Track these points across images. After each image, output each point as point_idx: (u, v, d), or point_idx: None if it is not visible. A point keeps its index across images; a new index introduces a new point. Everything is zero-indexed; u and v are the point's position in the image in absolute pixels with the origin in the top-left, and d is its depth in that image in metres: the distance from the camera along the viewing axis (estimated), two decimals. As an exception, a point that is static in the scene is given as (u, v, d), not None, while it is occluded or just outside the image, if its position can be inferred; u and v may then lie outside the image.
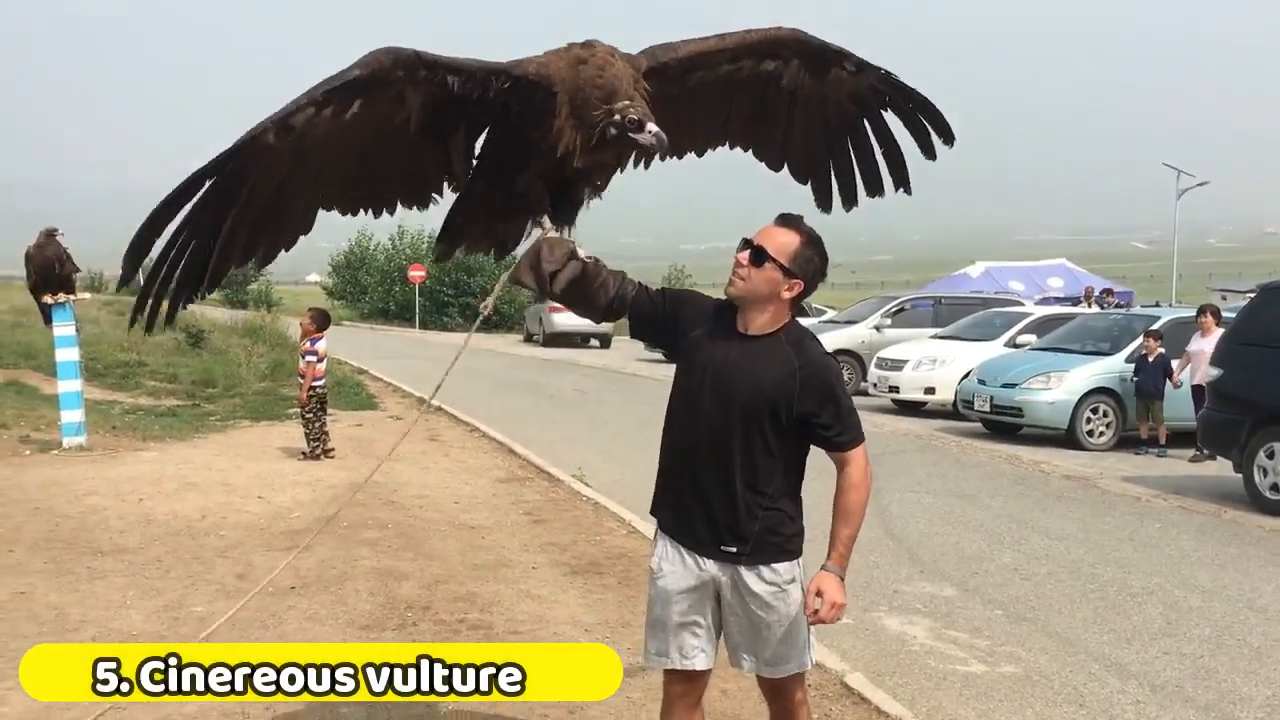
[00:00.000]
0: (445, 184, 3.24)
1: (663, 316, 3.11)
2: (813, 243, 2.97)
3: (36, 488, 7.70)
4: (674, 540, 3.03)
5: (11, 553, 6.13)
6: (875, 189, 3.66)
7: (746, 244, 2.97)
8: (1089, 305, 19.53)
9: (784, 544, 2.97)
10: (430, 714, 4.06)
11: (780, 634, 2.96)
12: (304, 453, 9.49)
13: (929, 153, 3.58)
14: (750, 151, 3.71)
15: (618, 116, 2.83)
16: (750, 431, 2.90)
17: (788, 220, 3.02)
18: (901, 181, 3.70)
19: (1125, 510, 8.88)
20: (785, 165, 3.69)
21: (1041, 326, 15.03)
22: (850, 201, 3.68)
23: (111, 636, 4.84)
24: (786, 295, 2.95)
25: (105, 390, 13.74)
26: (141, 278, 2.90)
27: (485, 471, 9.49)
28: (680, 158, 3.63)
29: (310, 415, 9.52)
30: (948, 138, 3.58)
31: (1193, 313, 14.02)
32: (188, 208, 2.71)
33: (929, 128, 3.57)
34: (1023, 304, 19.31)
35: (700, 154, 3.69)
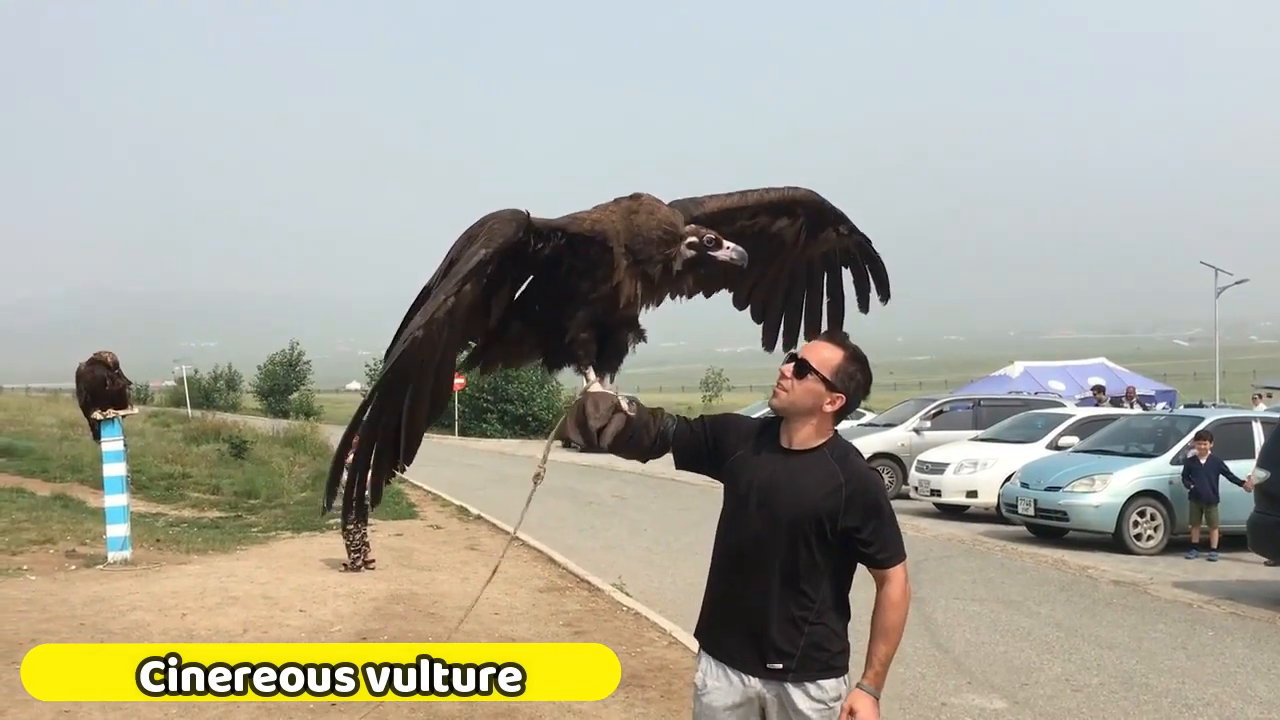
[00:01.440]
0: (480, 344, 3.30)
1: (705, 444, 3.14)
2: (856, 359, 3.02)
3: (82, 604, 7.76)
4: (718, 658, 3.03)
5: (57, 669, 6.16)
6: (813, 330, 3.74)
7: (792, 357, 3.04)
8: (1130, 405, 19.34)
9: (830, 660, 2.95)
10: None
11: None
12: (345, 564, 9.51)
13: (864, 307, 3.71)
14: (726, 289, 3.80)
15: (695, 239, 2.95)
16: (796, 546, 2.91)
17: (833, 336, 3.09)
18: (837, 327, 3.76)
19: (1177, 617, 8.68)
20: (748, 305, 3.79)
21: (1084, 428, 14.88)
22: (791, 343, 3.76)
23: (154, 755, 4.84)
24: (829, 409, 2.99)
25: (150, 503, 13.89)
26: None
27: (525, 581, 9.46)
28: (689, 298, 3.73)
29: (351, 526, 9.57)
30: (885, 296, 3.73)
31: (1240, 413, 13.90)
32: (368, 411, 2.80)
33: (874, 286, 3.72)
34: (1064, 404, 19.16)
35: (707, 296, 3.79)
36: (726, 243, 2.99)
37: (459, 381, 37.02)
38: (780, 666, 2.92)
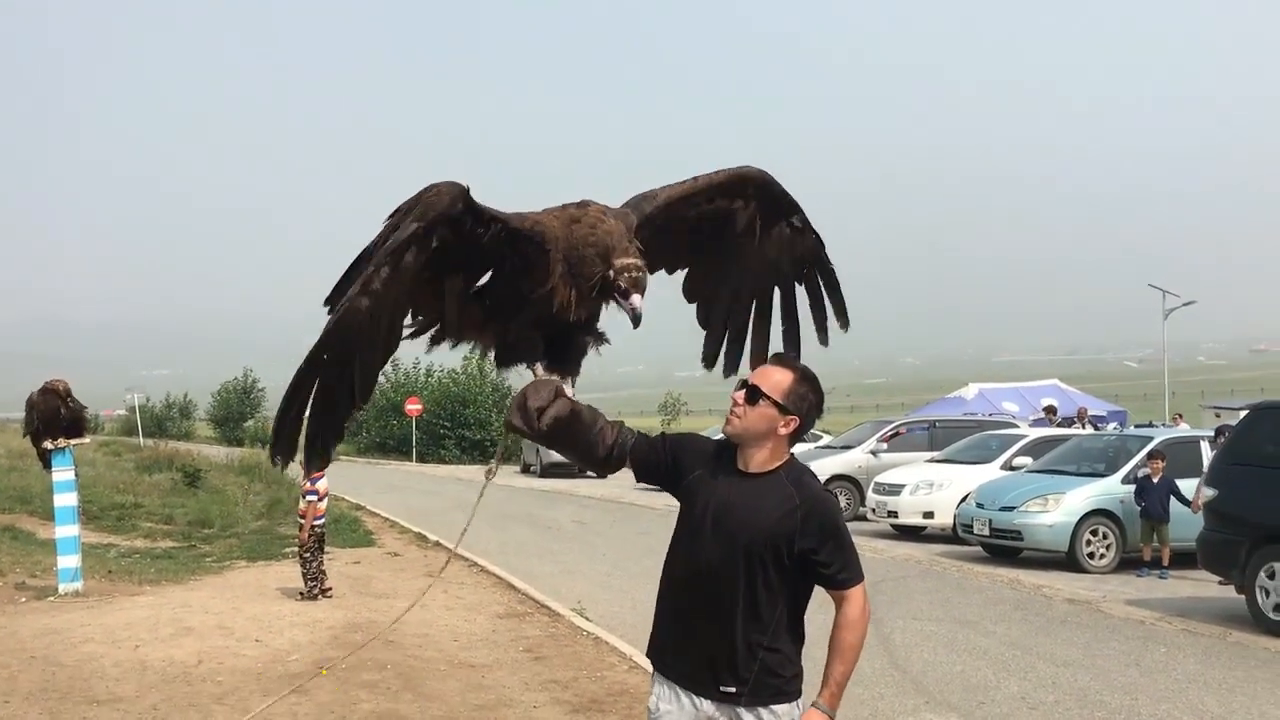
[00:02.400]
0: (432, 324, 3.32)
1: (664, 461, 3.14)
2: (807, 380, 3.05)
3: (32, 636, 7.63)
4: (671, 681, 3.04)
5: (7, 704, 6.05)
6: (760, 360, 3.59)
7: (743, 384, 3.06)
8: (1082, 426, 19.61)
9: (783, 686, 2.95)
10: None
11: None
12: (301, 593, 9.42)
13: (824, 338, 3.64)
14: (685, 278, 3.74)
15: (612, 274, 2.95)
16: (752, 569, 2.91)
17: (782, 359, 3.11)
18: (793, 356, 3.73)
19: (1130, 634, 8.81)
20: (696, 302, 3.77)
21: (1037, 448, 15.08)
22: (731, 369, 3.68)
23: (107, 789, 4.76)
24: (783, 431, 3.01)
25: (101, 533, 13.68)
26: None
27: (484, 607, 9.41)
28: (671, 273, 3.73)
29: (308, 555, 9.49)
30: (844, 323, 3.65)
31: (1190, 432, 14.16)
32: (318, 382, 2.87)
33: (830, 311, 3.65)
34: (1017, 425, 19.40)
35: (670, 272, 3.76)
36: (635, 298, 2.95)
37: (415, 408, 36.88)
38: (734, 690, 2.92)
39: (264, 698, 6.25)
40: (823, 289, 3.66)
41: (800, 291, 3.68)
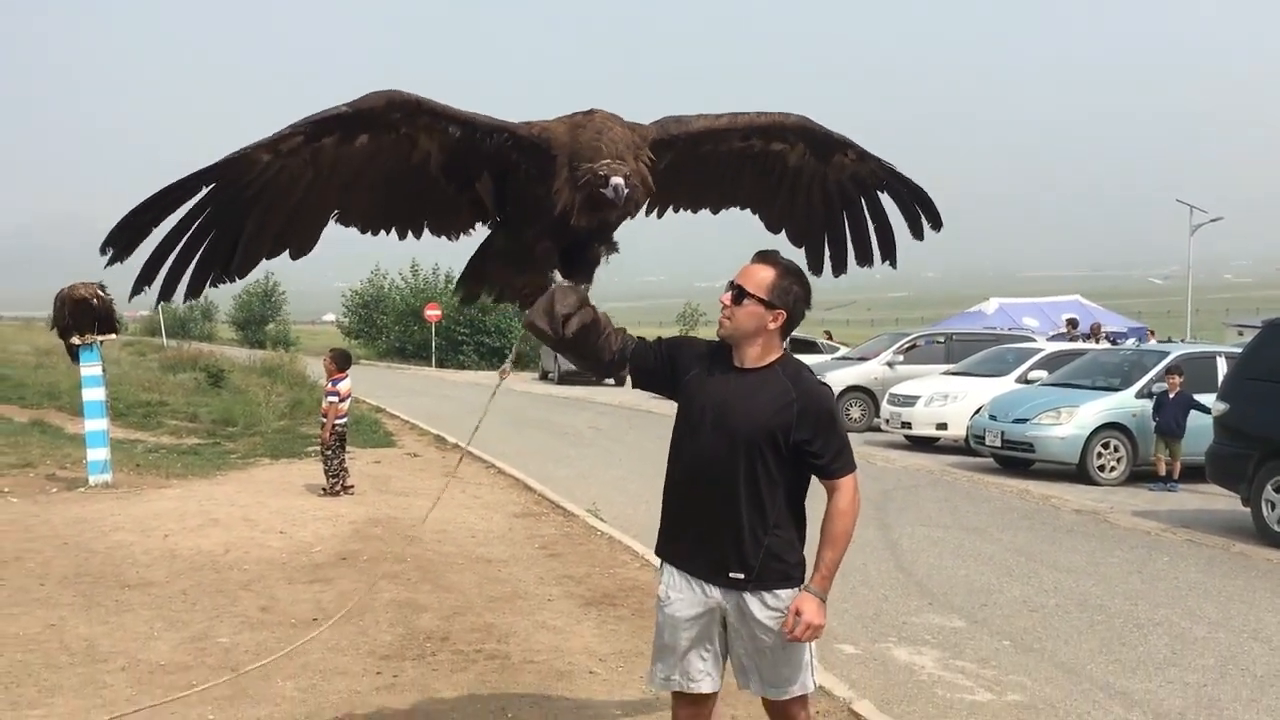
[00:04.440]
0: (478, 221, 3.48)
1: (662, 364, 3.28)
2: (790, 273, 3.13)
3: (64, 524, 7.88)
4: (680, 569, 3.18)
5: (42, 586, 6.30)
6: (865, 260, 3.97)
7: (730, 285, 3.15)
8: (1098, 341, 19.59)
9: (788, 571, 3.10)
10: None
11: (783, 658, 3.09)
12: (324, 489, 9.65)
13: (918, 234, 3.92)
14: (756, 214, 3.98)
15: (588, 176, 3.05)
16: (752, 461, 3.04)
17: (764, 256, 3.18)
18: (889, 256, 4.05)
19: (1135, 544, 8.96)
20: (784, 230, 3.95)
21: (1053, 362, 15.12)
22: (840, 269, 3.99)
23: (140, 667, 4.99)
24: (772, 326, 3.10)
25: (128, 429, 13.95)
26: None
27: (501, 507, 9.64)
28: (694, 212, 3.91)
29: (330, 453, 9.70)
30: (936, 224, 3.93)
31: (1207, 348, 14.15)
32: (190, 204, 2.91)
33: (921, 213, 3.89)
34: (1034, 339, 19.40)
35: (715, 211, 3.98)
36: (614, 179, 3.04)
37: (435, 314, 37.11)
38: (741, 576, 3.07)
39: (289, 585, 6.49)
40: (909, 197, 3.89)
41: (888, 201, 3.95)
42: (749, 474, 3.04)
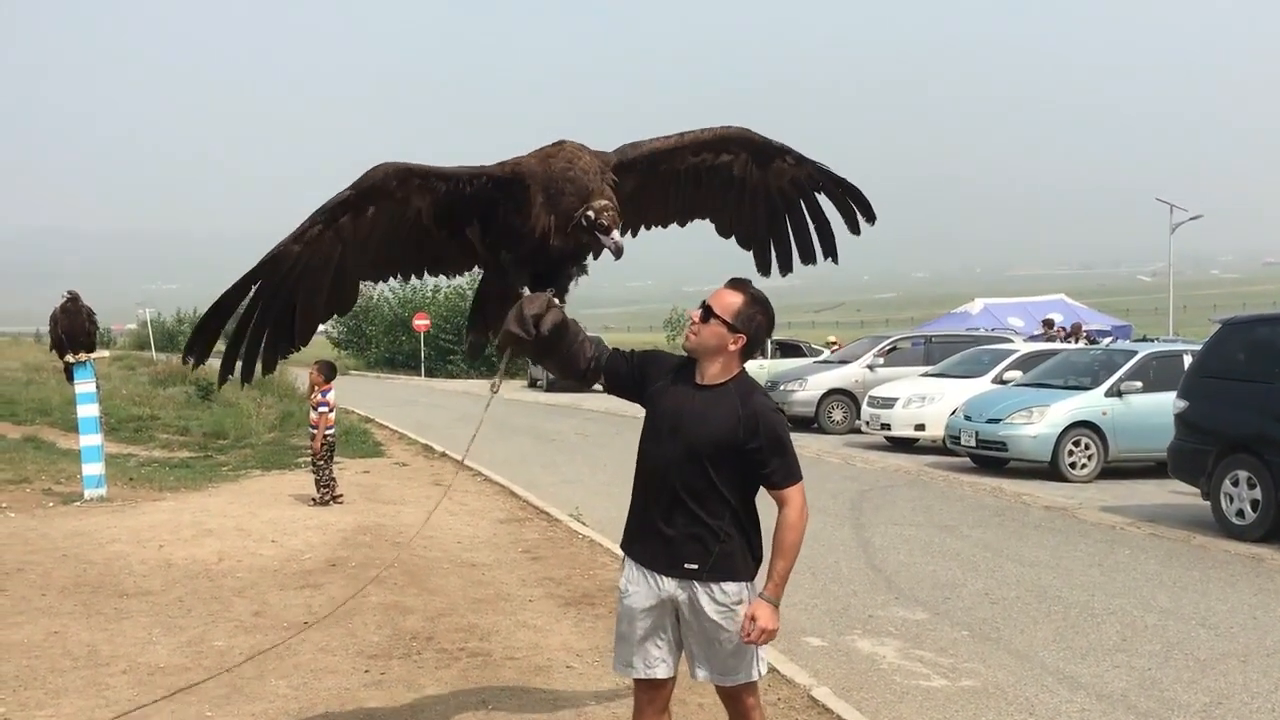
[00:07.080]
0: (473, 264, 3.96)
1: (632, 372, 3.61)
2: (757, 302, 3.44)
3: (63, 537, 8.15)
4: (638, 563, 3.48)
5: (44, 596, 6.58)
6: (808, 258, 4.30)
7: (701, 305, 3.46)
8: (1078, 341, 19.95)
9: (737, 565, 3.41)
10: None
11: (730, 648, 3.39)
12: (314, 499, 9.93)
13: (854, 229, 4.27)
14: (711, 222, 4.35)
15: (592, 214, 3.43)
16: (705, 467, 3.35)
17: (736, 283, 3.50)
18: (830, 252, 4.44)
19: (1099, 538, 9.28)
20: (733, 236, 4.30)
21: (1027, 363, 15.46)
22: (786, 268, 4.33)
23: (140, 670, 5.28)
24: (733, 348, 3.42)
25: (120, 444, 14.21)
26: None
27: (487, 513, 9.92)
28: (665, 227, 4.31)
29: (320, 463, 9.98)
30: (869, 217, 4.32)
31: (1174, 347, 14.49)
32: (248, 297, 3.50)
33: (855, 209, 4.26)
34: (1012, 340, 19.75)
35: (681, 225, 4.38)
36: (615, 233, 3.47)
37: (423, 324, 37.34)
38: (695, 567, 3.38)
39: (281, 591, 6.78)
40: (841, 194, 4.28)
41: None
42: (703, 479, 3.34)
